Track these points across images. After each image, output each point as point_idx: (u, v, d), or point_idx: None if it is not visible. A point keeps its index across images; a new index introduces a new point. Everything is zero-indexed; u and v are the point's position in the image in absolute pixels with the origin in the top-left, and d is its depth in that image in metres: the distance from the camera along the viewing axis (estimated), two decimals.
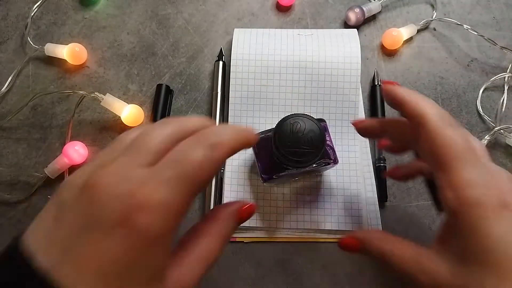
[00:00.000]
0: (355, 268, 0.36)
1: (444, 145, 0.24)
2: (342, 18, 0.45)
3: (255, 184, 0.38)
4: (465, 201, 0.23)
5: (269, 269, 0.36)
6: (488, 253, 0.22)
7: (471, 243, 0.23)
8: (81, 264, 0.18)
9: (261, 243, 0.37)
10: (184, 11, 0.46)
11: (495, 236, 0.22)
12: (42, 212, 0.20)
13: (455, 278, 0.23)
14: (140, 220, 0.18)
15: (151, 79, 0.43)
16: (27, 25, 0.44)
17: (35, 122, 0.41)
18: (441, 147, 0.24)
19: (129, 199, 0.18)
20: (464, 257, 0.24)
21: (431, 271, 0.24)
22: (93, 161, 0.21)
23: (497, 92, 0.42)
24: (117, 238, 0.18)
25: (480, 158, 0.24)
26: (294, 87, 0.40)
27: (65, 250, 0.18)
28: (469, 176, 0.24)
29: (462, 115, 0.41)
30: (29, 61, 0.43)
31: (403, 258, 0.25)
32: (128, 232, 0.18)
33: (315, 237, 0.36)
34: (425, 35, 0.45)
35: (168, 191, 0.19)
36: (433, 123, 0.25)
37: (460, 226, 0.24)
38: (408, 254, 0.25)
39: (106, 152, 0.22)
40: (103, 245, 0.18)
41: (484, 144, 0.38)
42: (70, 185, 0.20)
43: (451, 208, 0.24)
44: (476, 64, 0.43)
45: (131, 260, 0.18)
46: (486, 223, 0.22)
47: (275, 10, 0.46)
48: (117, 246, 0.18)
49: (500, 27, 0.45)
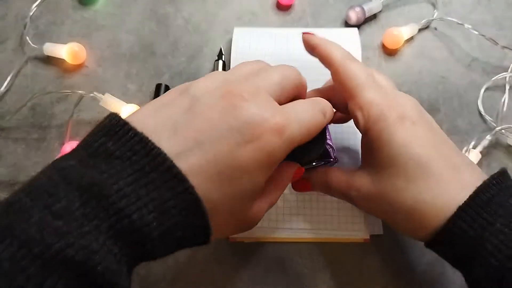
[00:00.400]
0: (355, 269, 0.36)
1: (349, 76, 0.28)
2: (342, 17, 0.45)
3: None
4: (370, 118, 0.27)
5: (269, 269, 0.36)
6: (393, 158, 0.26)
7: (380, 153, 0.27)
8: (207, 160, 0.21)
9: (261, 243, 0.36)
10: (184, 10, 0.45)
11: (397, 143, 0.26)
12: (164, 101, 0.23)
13: (375, 186, 0.28)
14: (272, 141, 0.22)
15: (151, 78, 0.42)
16: (26, 25, 0.44)
17: (34, 122, 0.41)
18: (347, 78, 0.28)
19: (267, 121, 0.22)
20: (378, 167, 0.27)
21: (358, 186, 0.29)
22: (216, 76, 0.25)
23: (498, 91, 0.42)
24: (248, 149, 0.21)
25: (382, 86, 0.29)
26: None
27: (196, 142, 0.21)
28: (372, 97, 0.27)
29: (463, 115, 0.41)
30: (28, 60, 0.43)
31: (339, 182, 0.30)
32: (259, 147, 0.22)
33: (316, 237, 0.36)
34: (426, 34, 0.44)
35: (295, 132, 0.23)
36: (338, 59, 0.29)
37: (370, 140, 0.28)
38: (342, 178, 0.30)
39: (232, 72, 0.25)
40: (233, 149, 0.21)
41: (485, 144, 0.38)
42: (207, 88, 0.23)
43: (362, 127, 0.28)
44: (477, 64, 0.43)
45: (248, 171, 0.22)
46: (388, 133, 0.26)
47: (275, 9, 0.46)
48: (245, 154, 0.21)
49: (501, 26, 0.45)
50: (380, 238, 0.36)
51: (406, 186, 0.26)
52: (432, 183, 0.25)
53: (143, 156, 0.20)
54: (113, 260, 0.18)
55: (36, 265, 0.16)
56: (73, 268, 0.17)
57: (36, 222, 0.17)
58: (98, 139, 0.20)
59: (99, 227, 0.18)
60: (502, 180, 0.25)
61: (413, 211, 0.26)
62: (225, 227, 0.24)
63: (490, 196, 0.24)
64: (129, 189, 0.19)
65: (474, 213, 0.24)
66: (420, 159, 0.26)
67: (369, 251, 0.36)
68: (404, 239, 0.36)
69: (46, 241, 0.17)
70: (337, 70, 0.29)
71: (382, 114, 0.27)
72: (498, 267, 0.23)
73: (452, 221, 0.24)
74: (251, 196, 0.24)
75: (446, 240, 0.25)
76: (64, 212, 0.18)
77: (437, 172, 0.26)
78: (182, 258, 0.36)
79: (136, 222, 0.19)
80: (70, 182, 0.19)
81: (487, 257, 0.23)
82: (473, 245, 0.24)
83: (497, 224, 0.23)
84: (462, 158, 0.28)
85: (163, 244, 0.21)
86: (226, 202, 0.22)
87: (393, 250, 0.36)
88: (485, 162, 0.39)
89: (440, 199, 0.25)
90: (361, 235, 0.36)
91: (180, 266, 0.36)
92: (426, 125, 0.28)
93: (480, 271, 0.24)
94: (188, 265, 0.36)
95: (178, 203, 0.20)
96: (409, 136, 0.26)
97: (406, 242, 0.36)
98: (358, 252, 0.36)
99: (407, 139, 0.26)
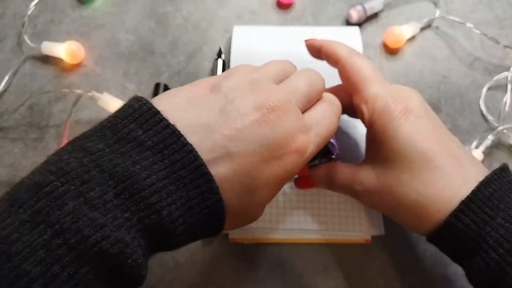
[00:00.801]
0: (356, 270, 0.35)
1: (354, 71, 0.29)
2: (343, 16, 0.45)
3: None
4: (375, 111, 0.27)
5: (269, 270, 0.35)
6: (398, 152, 0.26)
7: (384, 146, 0.27)
8: (234, 171, 0.21)
9: (261, 244, 0.36)
10: (183, 9, 0.45)
11: (401, 136, 0.26)
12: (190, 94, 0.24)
13: (379, 180, 0.28)
14: (294, 160, 0.24)
15: (149, 78, 0.42)
16: (24, 24, 0.44)
17: (32, 122, 0.40)
18: (352, 73, 0.29)
19: (294, 142, 0.23)
20: (382, 160, 0.28)
21: (362, 180, 0.29)
22: (245, 72, 0.25)
23: (500, 91, 0.41)
24: (271, 165, 0.23)
25: (385, 80, 0.29)
26: None
27: (226, 151, 0.21)
28: (377, 90, 0.28)
29: (465, 114, 0.41)
30: (26, 59, 0.43)
31: (343, 177, 0.30)
32: (282, 164, 0.23)
33: (316, 238, 0.36)
34: (427, 33, 0.44)
35: (315, 148, 0.25)
36: (344, 55, 0.30)
37: (375, 134, 0.28)
38: (346, 173, 0.30)
39: (261, 72, 0.26)
40: (259, 164, 0.22)
41: (487, 144, 0.38)
42: (240, 89, 0.23)
43: (367, 120, 0.28)
44: (479, 63, 0.43)
45: (267, 184, 0.23)
46: (393, 126, 0.27)
47: (275, 8, 0.45)
48: (269, 170, 0.23)
49: (503, 25, 0.44)
50: (381, 239, 0.36)
51: (410, 180, 0.26)
52: (436, 177, 0.26)
53: (174, 151, 0.20)
54: (140, 253, 0.19)
55: (72, 255, 0.17)
56: (107, 260, 0.18)
57: (71, 211, 0.17)
58: (127, 124, 0.20)
59: (131, 220, 0.19)
60: (503, 175, 0.26)
61: (416, 205, 0.26)
62: (232, 224, 0.24)
63: (492, 191, 0.25)
64: (161, 184, 0.19)
65: (477, 208, 0.24)
66: (425, 152, 0.26)
67: (371, 252, 0.36)
68: (405, 240, 0.36)
69: (83, 232, 0.17)
70: (343, 65, 0.30)
71: (387, 107, 0.27)
72: (498, 261, 0.23)
73: (455, 216, 0.24)
74: (263, 203, 0.25)
75: (448, 234, 0.25)
76: (98, 202, 0.18)
77: (441, 166, 0.26)
78: (182, 259, 0.36)
79: (165, 219, 0.19)
80: (103, 170, 0.19)
81: (487, 251, 0.23)
82: (474, 239, 0.24)
83: (498, 219, 0.24)
84: (465, 152, 0.28)
85: (183, 239, 0.22)
86: (242, 207, 0.23)
87: (395, 251, 0.36)
88: (487, 162, 0.38)
89: (444, 193, 0.25)
90: (363, 236, 0.36)
91: (179, 267, 0.36)
92: (430, 119, 0.28)
93: (481, 264, 0.24)
94: (188, 266, 0.36)
95: (202, 202, 0.21)
96: (414, 129, 0.26)
97: (407, 243, 0.36)
98: (359, 253, 0.36)
99: (412, 132, 0.26)
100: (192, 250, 0.36)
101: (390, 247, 0.36)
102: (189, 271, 0.35)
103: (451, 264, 0.35)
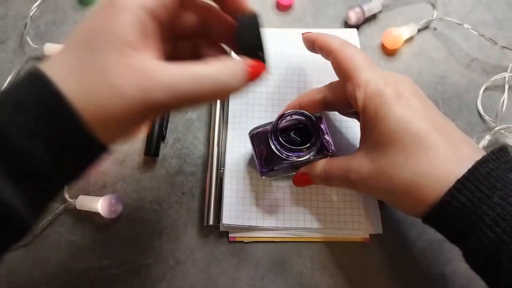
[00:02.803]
0: (355, 269, 0.36)
1: (346, 60, 0.30)
2: (342, 17, 0.45)
3: (255, 184, 0.37)
4: (367, 95, 0.28)
5: (269, 269, 0.36)
6: (391, 133, 0.26)
7: (377, 129, 0.27)
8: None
9: (261, 243, 0.37)
10: None
11: (393, 117, 0.26)
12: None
13: (374, 164, 0.28)
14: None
15: None
16: (26, 25, 0.44)
17: None
18: (344, 62, 0.30)
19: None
20: (376, 144, 0.28)
21: (356, 168, 0.29)
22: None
23: (498, 91, 0.42)
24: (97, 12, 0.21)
25: (376, 67, 0.29)
26: (293, 87, 0.40)
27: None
28: (368, 76, 0.28)
29: (463, 115, 0.41)
30: (28, 61, 0.43)
31: (338, 168, 0.30)
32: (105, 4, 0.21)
33: (315, 237, 0.36)
34: (425, 34, 0.44)
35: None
36: (336, 45, 0.30)
37: (368, 118, 0.28)
38: (341, 164, 0.30)
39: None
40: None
41: (484, 144, 0.38)
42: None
43: (360, 105, 0.28)
44: (476, 64, 0.43)
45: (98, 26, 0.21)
46: (385, 108, 0.27)
47: (275, 10, 0.46)
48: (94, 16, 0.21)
49: (501, 26, 0.45)
50: (380, 238, 0.36)
51: (404, 161, 0.26)
52: (431, 156, 0.25)
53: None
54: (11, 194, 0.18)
55: None
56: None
57: None
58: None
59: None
60: (501, 156, 0.25)
61: (411, 186, 0.26)
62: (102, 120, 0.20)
63: (489, 170, 0.24)
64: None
65: (473, 186, 0.24)
66: (418, 133, 0.26)
67: (369, 250, 0.36)
68: (403, 239, 0.36)
69: None
70: (335, 55, 0.30)
71: (378, 90, 0.27)
72: (494, 239, 0.23)
73: (451, 194, 0.24)
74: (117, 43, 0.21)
75: (444, 213, 0.25)
76: None
77: (435, 145, 0.26)
78: (182, 257, 0.36)
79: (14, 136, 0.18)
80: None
81: (484, 229, 0.23)
82: (470, 218, 0.24)
83: (494, 197, 0.24)
84: (459, 133, 0.28)
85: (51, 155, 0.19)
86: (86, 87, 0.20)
87: (393, 250, 0.36)
88: None
89: (438, 172, 0.25)
90: (361, 235, 0.36)
91: (180, 266, 0.36)
92: (422, 101, 0.28)
93: (477, 243, 0.24)
94: (188, 264, 0.36)
95: (38, 100, 0.19)
96: (405, 110, 0.27)
97: (405, 242, 0.36)
98: (357, 251, 0.36)
99: (404, 113, 0.26)
100: (192, 249, 0.36)
101: (388, 245, 0.36)
102: (189, 269, 0.36)
103: (448, 262, 0.35)
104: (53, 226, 0.37)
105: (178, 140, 0.40)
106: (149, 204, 0.38)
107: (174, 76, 0.21)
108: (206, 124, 0.41)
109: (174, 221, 0.37)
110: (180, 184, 0.39)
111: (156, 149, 0.39)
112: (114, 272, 0.36)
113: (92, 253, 0.37)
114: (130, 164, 0.39)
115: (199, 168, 0.39)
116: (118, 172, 0.39)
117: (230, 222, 0.36)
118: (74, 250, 0.37)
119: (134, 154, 0.40)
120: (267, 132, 0.32)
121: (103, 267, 0.36)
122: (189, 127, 0.41)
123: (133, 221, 0.38)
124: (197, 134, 0.41)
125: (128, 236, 0.37)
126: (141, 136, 0.40)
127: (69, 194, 0.38)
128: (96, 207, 0.36)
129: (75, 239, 0.37)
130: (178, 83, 0.21)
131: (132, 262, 0.36)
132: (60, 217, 0.38)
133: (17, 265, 0.36)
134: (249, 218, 0.36)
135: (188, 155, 0.40)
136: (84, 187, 0.39)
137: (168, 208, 0.38)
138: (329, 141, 0.33)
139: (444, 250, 0.36)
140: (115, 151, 0.40)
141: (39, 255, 0.37)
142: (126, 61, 0.20)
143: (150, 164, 0.39)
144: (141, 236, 0.37)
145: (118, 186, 0.39)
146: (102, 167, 0.39)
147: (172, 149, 0.40)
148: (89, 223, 0.38)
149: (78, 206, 0.37)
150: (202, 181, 0.39)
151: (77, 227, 0.37)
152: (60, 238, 0.37)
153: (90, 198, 0.37)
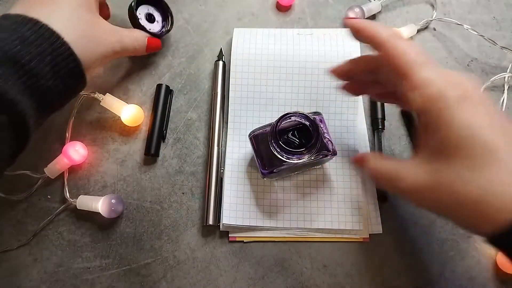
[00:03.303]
0: (355, 268, 0.36)
1: (399, 55, 0.26)
2: (342, 17, 0.45)
3: (255, 183, 0.38)
4: (428, 97, 0.25)
5: (269, 269, 0.36)
6: (455, 142, 0.23)
7: (438, 136, 0.24)
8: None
9: (261, 243, 0.37)
10: (184, 11, 0.46)
11: (458, 124, 0.23)
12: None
13: (431, 176, 0.24)
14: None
15: (151, 79, 0.43)
16: None
17: None
18: (397, 57, 0.26)
19: None
20: (436, 152, 0.25)
21: (408, 176, 0.26)
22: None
23: (497, 92, 0.42)
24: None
25: (434, 63, 0.26)
26: (293, 86, 0.40)
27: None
28: (427, 75, 0.25)
29: None
30: None
31: (386, 173, 0.27)
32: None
33: (315, 237, 0.36)
34: (425, 35, 0.44)
35: None
36: (386, 38, 0.27)
37: (428, 123, 0.25)
38: (390, 168, 0.27)
39: None
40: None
41: None
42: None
43: (418, 108, 0.25)
44: (476, 64, 0.43)
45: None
46: (449, 113, 0.24)
47: (275, 10, 0.46)
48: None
49: (500, 27, 0.45)
50: (379, 238, 0.36)
51: (471, 175, 0.23)
52: (501, 171, 0.22)
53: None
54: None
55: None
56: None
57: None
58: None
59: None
60: None
61: (479, 203, 0.23)
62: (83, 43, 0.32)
63: None
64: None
65: None
66: (487, 144, 0.23)
67: (369, 250, 0.36)
68: (403, 239, 0.36)
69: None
70: (385, 50, 0.27)
71: (441, 93, 0.24)
72: None
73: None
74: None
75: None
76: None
77: (506, 159, 0.22)
78: (182, 257, 0.36)
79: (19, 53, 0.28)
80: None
81: None
82: None
83: None
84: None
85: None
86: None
87: (392, 250, 0.36)
88: None
89: (511, 190, 0.22)
90: (361, 235, 0.36)
91: (180, 265, 0.36)
92: (489, 107, 0.24)
93: None
94: (188, 264, 0.36)
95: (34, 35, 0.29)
96: (473, 116, 0.23)
97: (405, 242, 0.36)
98: (357, 251, 0.36)
99: (470, 120, 0.23)
100: (192, 249, 0.37)
101: (387, 245, 0.36)
102: (189, 269, 0.36)
103: (448, 262, 0.35)
104: (53, 226, 0.38)
105: (178, 140, 0.40)
106: (149, 204, 0.38)
107: (125, 36, 0.37)
108: (206, 124, 0.41)
109: (174, 221, 0.38)
110: (180, 184, 0.39)
111: (156, 149, 0.39)
112: (114, 271, 0.36)
113: (92, 253, 0.37)
114: (130, 164, 0.40)
115: (199, 168, 0.39)
116: (118, 172, 0.39)
117: (230, 222, 0.36)
118: (74, 250, 0.37)
119: (134, 154, 0.40)
120: (267, 133, 0.32)
121: (103, 267, 0.36)
122: (189, 127, 0.41)
123: (133, 221, 0.38)
124: (197, 134, 0.41)
125: (128, 236, 0.37)
126: (141, 136, 0.41)
127: (69, 194, 0.38)
128: (97, 207, 0.36)
129: (75, 238, 0.37)
130: (128, 38, 0.37)
131: (132, 262, 0.36)
132: (60, 217, 0.38)
133: (17, 265, 0.36)
134: (249, 218, 0.36)
135: (188, 155, 0.40)
136: (84, 187, 0.39)
137: (168, 208, 0.38)
138: (329, 140, 0.33)
139: (444, 250, 0.36)
140: (115, 151, 0.40)
141: (39, 255, 0.37)
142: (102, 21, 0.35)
143: (150, 164, 0.40)
144: (141, 236, 0.37)
145: (118, 186, 0.39)
146: (102, 167, 0.39)
147: (172, 149, 0.40)
148: (89, 223, 0.38)
149: (78, 206, 0.37)
150: (202, 181, 0.39)
151: (78, 226, 0.38)
152: (60, 238, 0.37)
153: (91, 198, 0.37)
